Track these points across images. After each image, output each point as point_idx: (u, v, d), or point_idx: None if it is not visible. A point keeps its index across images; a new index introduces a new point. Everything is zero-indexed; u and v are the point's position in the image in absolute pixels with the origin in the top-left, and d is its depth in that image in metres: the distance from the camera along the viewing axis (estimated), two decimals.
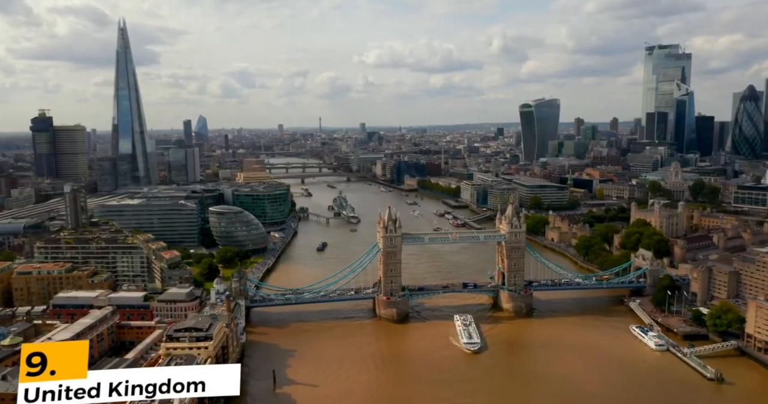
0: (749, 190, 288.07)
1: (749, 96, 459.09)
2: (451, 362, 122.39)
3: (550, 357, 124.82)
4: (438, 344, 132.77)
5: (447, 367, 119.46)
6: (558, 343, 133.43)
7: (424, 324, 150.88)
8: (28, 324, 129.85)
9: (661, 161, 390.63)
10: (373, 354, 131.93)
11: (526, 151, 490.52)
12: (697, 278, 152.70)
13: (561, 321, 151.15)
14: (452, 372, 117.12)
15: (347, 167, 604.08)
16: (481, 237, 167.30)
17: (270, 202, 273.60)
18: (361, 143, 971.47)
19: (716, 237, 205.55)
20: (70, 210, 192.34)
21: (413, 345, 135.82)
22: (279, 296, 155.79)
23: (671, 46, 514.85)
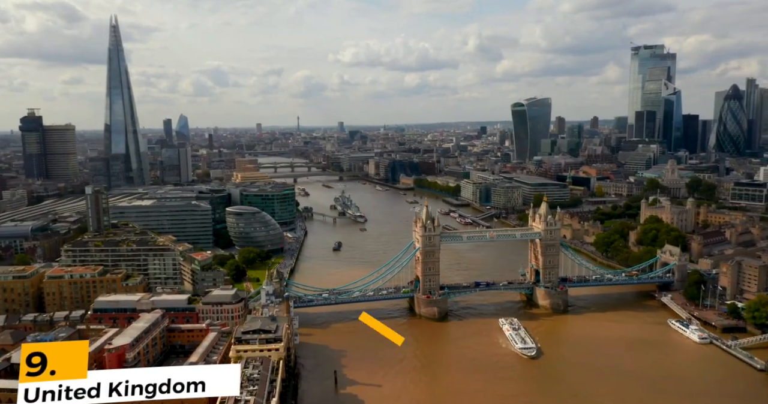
0: (746, 187, 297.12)
1: (733, 95, 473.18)
2: (508, 362, 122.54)
3: (605, 352, 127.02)
4: (487, 344, 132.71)
5: (506, 366, 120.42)
6: (605, 339, 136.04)
7: (465, 322, 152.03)
8: (72, 329, 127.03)
9: (654, 159, 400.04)
10: (426, 354, 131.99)
11: (519, 149, 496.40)
12: (727, 272, 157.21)
13: (598, 317, 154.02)
14: (513, 371, 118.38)
15: (338, 166, 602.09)
16: (518, 235, 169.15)
17: (279, 202, 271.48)
18: (343, 142, 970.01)
19: (728, 232, 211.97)
20: (92, 211, 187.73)
21: (462, 345, 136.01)
22: (316, 296, 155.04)
23: (656, 47, 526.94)
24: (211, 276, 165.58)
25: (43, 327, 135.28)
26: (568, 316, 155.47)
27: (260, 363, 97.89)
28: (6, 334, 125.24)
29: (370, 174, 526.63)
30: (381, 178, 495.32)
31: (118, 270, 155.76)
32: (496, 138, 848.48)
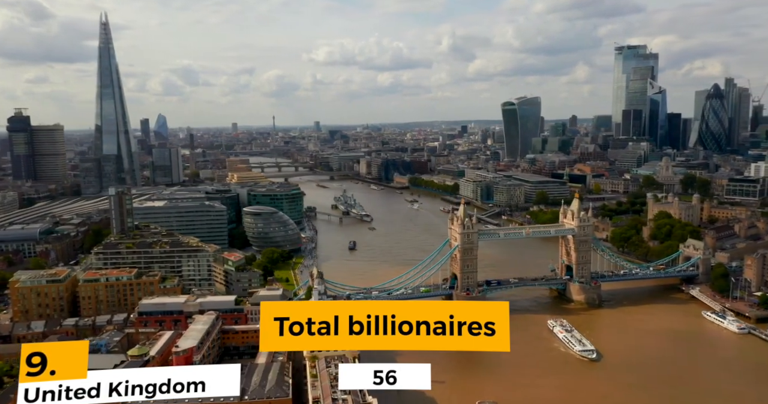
0: (740, 183, 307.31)
1: (715, 94, 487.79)
2: (574, 364, 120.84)
3: (655, 347, 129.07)
4: (541, 346, 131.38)
5: (577, 368, 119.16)
6: (648, 333, 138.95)
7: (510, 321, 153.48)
8: (121, 333, 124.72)
9: (645, 156, 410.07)
10: (482, 354, 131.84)
11: (509, 147, 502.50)
12: (752, 265, 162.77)
13: (633, 310, 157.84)
14: (589, 372, 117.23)
15: (326, 166, 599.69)
16: (552, 232, 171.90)
17: (288, 202, 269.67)
18: (324, 142, 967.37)
19: (737, 226, 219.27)
20: (116, 213, 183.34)
21: (515, 345, 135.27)
22: (357, 295, 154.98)
23: (639, 47, 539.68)
24: (247, 276, 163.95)
25: (86, 331, 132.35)
26: (604, 310, 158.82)
27: (339, 361, 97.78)
28: (53, 340, 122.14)
29: (361, 173, 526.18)
30: (373, 177, 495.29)
31: (153, 273, 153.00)
32: (477, 137, 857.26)
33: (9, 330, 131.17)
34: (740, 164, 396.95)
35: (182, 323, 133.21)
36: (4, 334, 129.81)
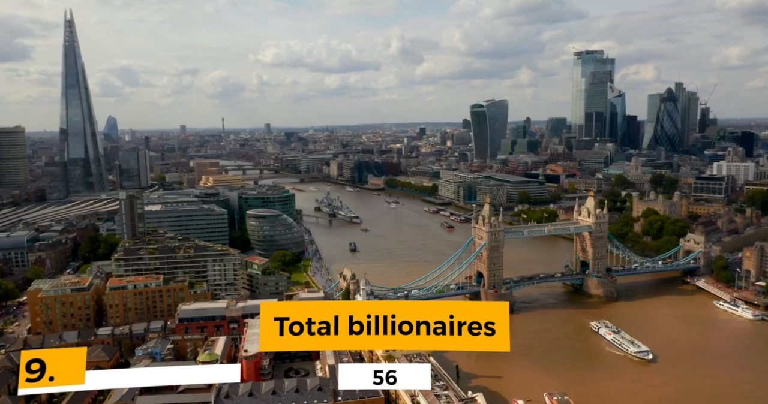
0: (707, 181, 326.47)
1: (669, 97, 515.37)
2: (634, 365, 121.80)
3: (693, 339, 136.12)
4: (588, 346, 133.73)
5: (632, 369, 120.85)
6: (674, 324, 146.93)
7: (533, 315, 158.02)
8: (167, 340, 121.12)
9: (611, 157, 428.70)
10: (540, 352, 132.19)
11: (478, 149, 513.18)
12: (750, 257, 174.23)
13: (649, 303, 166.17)
14: (643, 373, 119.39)
15: (294, 168, 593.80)
16: (571, 229, 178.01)
17: (280, 205, 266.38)
18: (282, 144, 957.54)
19: (720, 221, 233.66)
20: (126, 218, 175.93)
21: (562, 344, 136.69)
22: (395, 295, 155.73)
23: (597, 52, 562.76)
24: (274, 280, 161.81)
25: (123, 340, 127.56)
26: (623, 303, 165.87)
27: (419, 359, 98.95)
28: (98, 350, 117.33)
29: (331, 175, 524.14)
30: (346, 179, 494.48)
31: (181, 278, 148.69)
32: (437, 139, 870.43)
33: (40, 343, 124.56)
34: (698, 163, 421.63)
35: (224, 328, 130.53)
36: (35, 347, 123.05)
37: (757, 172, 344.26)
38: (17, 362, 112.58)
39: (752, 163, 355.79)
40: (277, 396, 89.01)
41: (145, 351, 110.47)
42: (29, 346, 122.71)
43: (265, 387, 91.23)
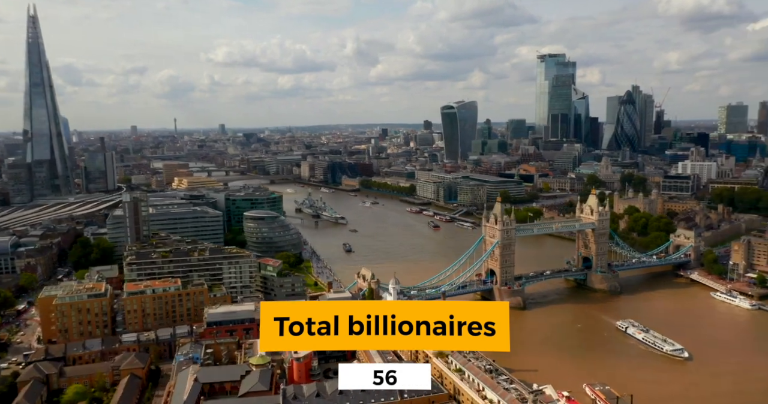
0: (674, 179, 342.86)
1: (628, 100, 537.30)
2: (671, 363, 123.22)
3: (711, 333, 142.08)
4: (620, 345, 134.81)
5: (671, 367, 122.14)
6: (683, 316, 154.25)
7: (546, 311, 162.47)
8: (199, 345, 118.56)
9: (579, 157, 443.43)
10: (574, 345, 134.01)
11: (449, 149, 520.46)
12: (739, 250, 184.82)
13: (651, 296, 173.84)
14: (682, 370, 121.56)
15: (262, 169, 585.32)
16: (577, 226, 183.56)
17: (269, 206, 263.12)
18: (243, 145, 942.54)
19: (698, 218, 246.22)
20: (130, 221, 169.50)
21: (596, 342, 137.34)
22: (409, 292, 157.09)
23: (559, 55, 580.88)
24: (290, 281, 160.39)
25: (150, 346, 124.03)
26: (627, 297, 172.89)
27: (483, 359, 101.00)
28: (131, 357, 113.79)
29: (303, 176, 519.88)
30: (318, 180, 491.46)
31: (199, 282, 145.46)
32: (400, 140, 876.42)
33: (62, 352, 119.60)
34: (660, 163, 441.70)
35: (254, 331, 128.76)
36: (58, 356, 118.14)
37: (719, 170, 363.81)
38: (46, 372, 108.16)
39: (713, 162, 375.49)
40: (344, 395, 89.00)
41: (186, 357, 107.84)
42: (51, 355, 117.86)
43: (329, 387, 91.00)
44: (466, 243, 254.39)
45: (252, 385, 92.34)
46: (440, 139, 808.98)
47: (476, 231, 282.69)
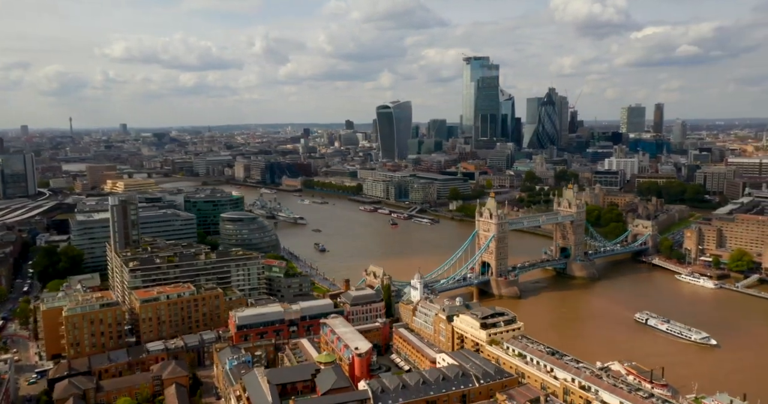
0: (604, 174, 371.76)
1: (548, 101, 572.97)
2: (704, 350, 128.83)
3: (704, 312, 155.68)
4: (645, 336, 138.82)
5: (702, 353, 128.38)
6: (671, 297, 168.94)
7: (541, 299, 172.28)
8: (237, 349, 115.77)
9: (512, 155, 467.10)
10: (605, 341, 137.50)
11: (385, 149, 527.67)
12: (691, 237, 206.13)
13: (625, 281, 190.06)
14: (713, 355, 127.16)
15: (189, 171, 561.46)
16: (559, 218, 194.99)
17: (231, 208, 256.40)
18: (155, 145, 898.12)
19: (640, 208, 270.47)
20: (119, 225, 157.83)
21: (622, 334, 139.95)
22: None
23: (483, 58, 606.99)
24: (297, 282, 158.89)
25: (180, 354, 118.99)
26: (605, 283, 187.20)
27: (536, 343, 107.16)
28: (174, 366, 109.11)
29: (237, 177, 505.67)
30: (256, 181, 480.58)
31: (209, 286, 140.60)
32: (323, 140, 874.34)
33: (86, 366, 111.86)
34: (582, 160, 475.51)
35: (284, 332, 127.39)
36: (83, 370, 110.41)
37: (640, 166, 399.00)
38: (83, 387, 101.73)
39: (635, 159, 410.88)
40: (427, 385, 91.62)
41: (239, 361, 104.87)
42: (75, 370, 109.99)
43: (409, 378, 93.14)
44: (432, 239, 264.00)
45: (333, 382, 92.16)
46: (364, 139, 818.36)
47: (435, 227, 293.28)
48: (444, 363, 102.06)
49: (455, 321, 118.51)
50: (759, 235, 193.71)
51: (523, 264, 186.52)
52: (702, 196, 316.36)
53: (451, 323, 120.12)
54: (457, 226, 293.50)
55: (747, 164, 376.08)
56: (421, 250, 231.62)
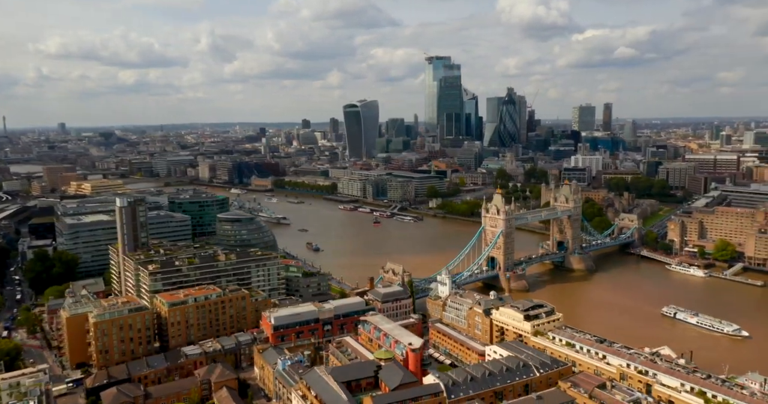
0: (572, 171, 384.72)
1: (509, 101, 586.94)
2: (736, 343, 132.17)
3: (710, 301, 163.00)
4: (678, 329, 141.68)
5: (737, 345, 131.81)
6: (675, 288, 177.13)
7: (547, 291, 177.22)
8: (280, 349, 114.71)
9: (480, 154, 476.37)
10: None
11: (352, 147, 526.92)
12: (675, 229, 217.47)
13: (621, 272, 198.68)
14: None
15: (149, 171, 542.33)
16: (559, 213, 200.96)
17: (218, 208, 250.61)
18: (103, 145, 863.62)
19: (616, 203, 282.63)
20: (127, 227, 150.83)
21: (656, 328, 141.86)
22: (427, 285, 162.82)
23: (445, 58, 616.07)
24: (316, 281, 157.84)
25: (219, 357, 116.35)
26: (602, 275, 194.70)
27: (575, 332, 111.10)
28: (221, 369, 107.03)
29: (202, 177, 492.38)
30: (223, 181, 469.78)
31: (234, 288, 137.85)
32: (281, 139, 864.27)
33: (126, 373, 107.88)
34: (546, 158, 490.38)
35: (319, 331, 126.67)
36: (122, 378, 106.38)
37: (604, 163, 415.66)
38: (132, 395, 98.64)
39: (600, 156, 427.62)
40: (493, 377, 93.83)
41: (293, 361, 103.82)
42: (114, 378, 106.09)
43: (474, 370, 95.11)
44: (421, 236, 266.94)
45: (401, 377, 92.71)
46: (323, 138, 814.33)
47: (419, 225, 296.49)
48: (496, 356, 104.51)
49: (494, 314, 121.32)
50: (738, 226, 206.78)
51: (527, 258, 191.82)
52: (667, 190, 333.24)
53: (489, 316, 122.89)
54: (440, 224, 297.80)
55: (703, 160, 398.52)
56: (417, 248, 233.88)
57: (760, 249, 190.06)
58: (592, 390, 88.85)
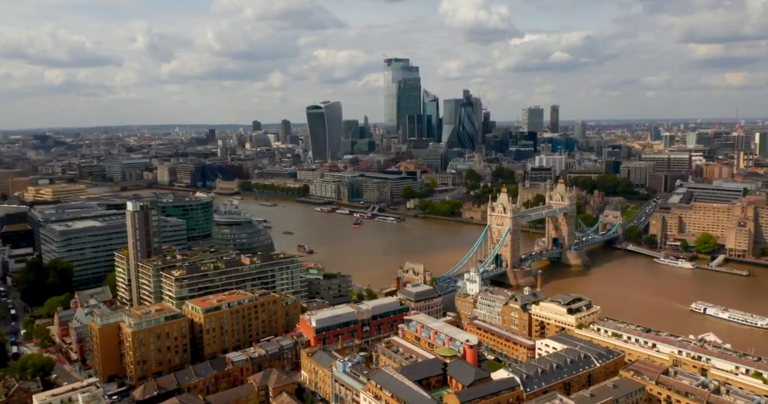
0: (539, 171, 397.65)
1: (467, 103, 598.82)
2: None
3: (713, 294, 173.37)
4: (714, 324, 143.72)
5: None
6: (665, 280, 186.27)
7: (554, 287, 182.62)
8: (326, 352, 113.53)
9: (446, 155, 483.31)
10: None
11: (316, 149, 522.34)
12: (656, 224, 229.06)
13: (614, 266, 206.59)
14: None
15: (101, 175, 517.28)
16: (557, 210, 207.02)
17: (203, 212, 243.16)
18: (41, 149, 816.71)
19: (592, 201, 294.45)
20: (140, 232, 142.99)
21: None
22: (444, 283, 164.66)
23: (404, 60, 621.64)
24: (337, 283, 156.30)
25: (265, 363, 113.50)
26: (598, 269, 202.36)
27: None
28: (278, 375, 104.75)
29: (161, 181, 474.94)
30: (185, 184, 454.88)
31: (263, 291, 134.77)
32: (233, 141, 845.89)
33: (175, 383, 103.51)
34: (507, 158, 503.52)
35: (358, 332, 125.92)
36: (172, 389, 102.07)
37: (567, 162, 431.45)
38: None
39: (563, 156, 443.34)
40: (560, 369, 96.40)
41: (353, 362, 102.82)
42: (164, 388, 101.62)
43: (539, 363, 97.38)
44: (410, 237, 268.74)
45: (473, 374, 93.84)
46: (276, 140, 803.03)
47: (403, 226, 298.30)
48: (549, 349, 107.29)
49: (534, 309, 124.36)
50: (714, 221, 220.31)
51: (527, 255, 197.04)
52: (632, 188, 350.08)
53: (527, 312, 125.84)
54: (423, 224, 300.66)
55: (658, 159, 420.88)
56: (412, 248, 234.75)
57: (740, 241, 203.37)
58: (657, 376, 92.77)
